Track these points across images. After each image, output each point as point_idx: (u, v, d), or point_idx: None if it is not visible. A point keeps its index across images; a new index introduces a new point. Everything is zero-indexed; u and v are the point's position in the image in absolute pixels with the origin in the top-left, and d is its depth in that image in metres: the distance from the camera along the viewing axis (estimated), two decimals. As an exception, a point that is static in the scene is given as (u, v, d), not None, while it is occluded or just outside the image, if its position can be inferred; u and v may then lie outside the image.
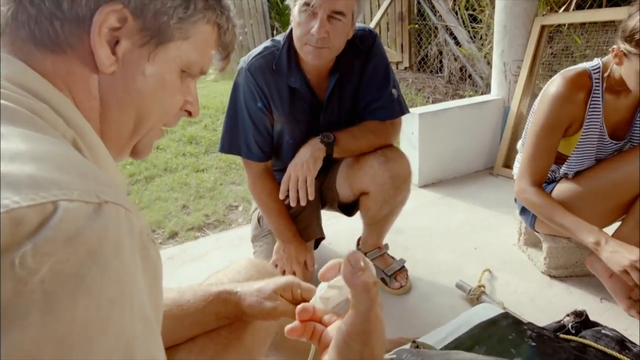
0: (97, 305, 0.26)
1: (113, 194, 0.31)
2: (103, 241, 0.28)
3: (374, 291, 0.40)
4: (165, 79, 0.47)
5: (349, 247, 1.69)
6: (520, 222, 1.62)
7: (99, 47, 0.41)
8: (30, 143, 0.31)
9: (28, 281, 0.24)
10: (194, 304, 0.66)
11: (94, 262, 0.27)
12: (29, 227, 0.25)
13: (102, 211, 0.29)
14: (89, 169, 0.33)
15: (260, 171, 1.33)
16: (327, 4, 1.05)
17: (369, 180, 1.28)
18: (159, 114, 0.49)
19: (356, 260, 0.40)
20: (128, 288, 0.29)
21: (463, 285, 1.41)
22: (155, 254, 0.35)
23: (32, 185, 0.27)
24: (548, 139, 1.28)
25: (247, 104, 1.24)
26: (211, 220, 2.16)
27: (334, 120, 1.31)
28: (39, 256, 0.25)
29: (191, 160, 2.92)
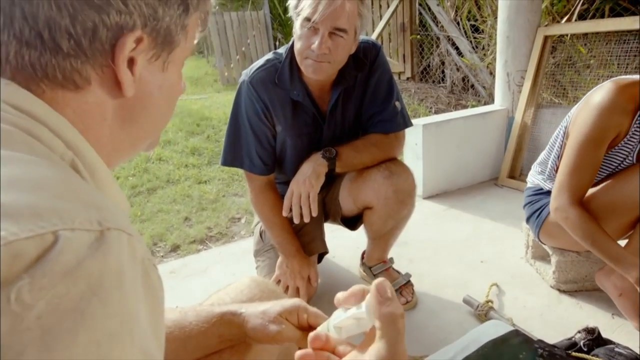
0: (97, 341, 0.25)
1: (115, 219, 0.30)
2: (104, 271, 0.27)
3: (402, 323, 0.39)
4: (174, 82, 0.47)
5: (353, 261, 1.66)
6: (527, 235, 1.60)
7: (124, 74, 0.39)
8: (28, 169, 0.30)
9: (24, 317, 0.23)
10: (196, 325, 0.64)
11: (94, 295, 0.26)
12: (26, 259, 0.24)
13: (104, 239, 0.28)
14: (90, 194, 0.32)
15: (263, 184, 1.31)
16: (328, 20, 1.04)
17: (372, 195, 1.27)
18: (170, 116, 0.50)
19: (384, 290, 0.39)
20: (129, 319, 0.28)
21: (470, 300, 1.38)
22: (157, 279, 0.34)
23: (32, 214, 0.26)
24: (594, 151, 1.18)
25: (249, 117, 1.23)
26: (213, 233, 2.14)
27: (337, 133, 1.30)
28: (36, 291, 0.24)
29: (194, 171, 2.91)
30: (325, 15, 1.03)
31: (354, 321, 0.44)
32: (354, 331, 0.45)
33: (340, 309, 0.47)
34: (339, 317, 0.47)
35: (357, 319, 0.44)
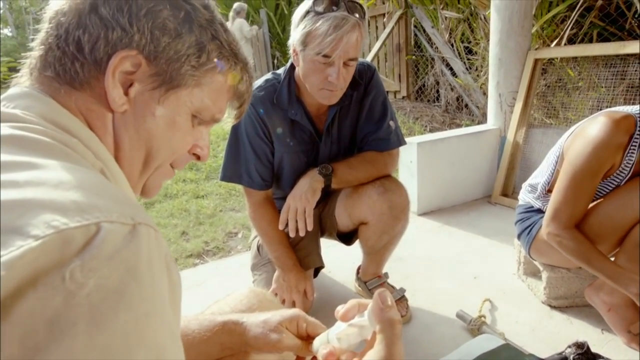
0: (135, 318, 0.29)
1: (144, 216, 0.34)
2: (138, 259, 0.31)
3: (399, 329, 0.43)
4: (175, 121, 0.49)
5: (349, 275, 1.69)
6: (519, 251, 1.63)
7: (112, 87, 0.44)
8: (69, 173, 0.34)
9: (76, 294, 0.27)
10: (199, 334, 0.66)
11: (132, 278, 0.30)
12: (76, 246, 0.28)
13: (137, 232, 0.32)
14: (122, 194, 0.36)
15: (261, 199, 1.34)
16: (344, 54, 1.10)
17: (367, 211, 1.30)
18: (167, 153, 0.51)
19: (385, 298, 0.44)
20: (159, 304, 0.32)
21: (464, 315, 1.40)
22: (176, 274, 0.38)
23: (77, 209, 0.30)
24: (589, 181, 1.20)
25: (248, 134, 1.28)
26: (210, 247, 2.16)
27: (333, 150, 1.34)
28: (86, 272, 0.28)
29: (191, 186, 2.94)
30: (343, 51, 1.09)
31: (356, 329, 0.48)
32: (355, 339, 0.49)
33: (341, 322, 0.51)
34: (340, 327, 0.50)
35: (360, 327, 0.47)
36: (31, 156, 0.34)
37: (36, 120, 0.39)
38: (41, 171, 0.33)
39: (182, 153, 0.54)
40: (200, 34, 0.48)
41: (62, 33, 0.44)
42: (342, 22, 1.06)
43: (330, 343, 0.51)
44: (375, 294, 0.43)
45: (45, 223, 0.28)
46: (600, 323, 1.35)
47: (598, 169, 1.19)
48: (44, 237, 0.27)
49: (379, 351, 0.41)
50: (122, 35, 0.43)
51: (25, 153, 0.34)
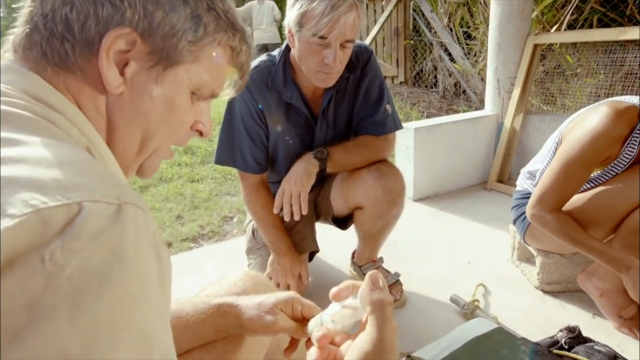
0: (120, 301, 0.28)
1: (131, 195, 0.33)
2: (124, 240, 0.30)
3: (390, 310, 0.43)
4: (174, 101, 0.47)
5: (344, 260, 1.69)
6: (513, 237, 1.64)
7: (107, 68, 0.42)
8: (52, 150, 0.32)
9: (57, 276, 0.26)
10: (193, 316, 0.66)
11: (117, 260, 0.29)
12: (56, 225, 0.27)
13: (123, 212, 0.30)
14: (107, 172, 0.35)
15: (256, 183, 1.33)
16: (341, 35, 1.08)
17: (363, 195, 1.30)
18: (165, 134, 0.50)
19: (376, 279, 0.43)
20: (146, 286, 0.31)
21: (457, 299, 1.41)
22: (166, 256, 0.37)
23: (58, 187, 0.29)
24: (580, 171, 1.19)
25: (242, 117, 1.26)
26: (206, 231, 2.15)
27: (329, 134, 1.33)
28: (67, 252, 0.27)
29: (186, 170, 2.92)
30: (340, 32, 1.06)
31: (349, 311, 0.47)
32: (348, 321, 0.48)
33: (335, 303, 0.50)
34: (334, 309, 0.50)
35: (353, 308, 0.47)
36: (11, 132, 0.33)
37: (18, 95, 0.37)
38: (21, 148, 0.31)
39: (183, 131, 0.52)
40: (196, 5, 0.45)
41: (48, 11, 0.41)
42: (339, 3, 1.04)
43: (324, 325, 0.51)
44: (366, 275, 0.43)
45: (23, 202, 0.27)
46: (592, 308, 1.36)
47: (593, 160, 1.18)
48: (21, 216, 0.26)
49: (370, 332, 0.41)
50: (112, 11, 0.41)
51: (6, 129, 0.33)
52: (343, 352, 0.46)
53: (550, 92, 2.87)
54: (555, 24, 3.12)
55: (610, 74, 2.57)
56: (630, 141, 1.17)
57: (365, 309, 0.43)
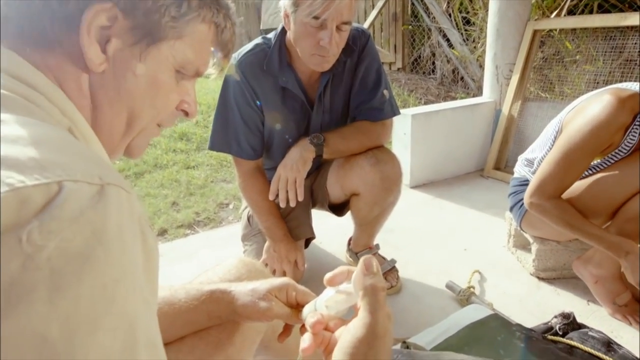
0: (102, 284, 0.27)
1: (114, 176, 0.31)
2: (106, 222, 0.29)
3: (383, 296, 0.41)
4: (158, 79, 0.46)
5: (340, 246, 1.69)
6: (510, 224, 1.64)
7: (88, 45, 0.40)
8: (30, 128, 0.31)
9: (35, 257, 0.25)
10: (185, 303, 0.65)
11: (98, 242, 0.28)
12: (34, 205, 0.26)
13: (105, 193, 0.29)
14: (89, 152, 0.34)
15: (251, 169, 1.32)
16: (337, 16, 1.05)
17: (359, 182, 1.28)
18: (151, 113, 0.48)
19: (370, 264, 0.42)
20: (130, 269, 0.30)
21: (453, 286, 1.41)
22: (152, 240, 0.35)
23: (36, 166, 0.27)
24: (581, 160, 1.18)
25: (237, 102, 1.23)
26: (201, 218, 2.14)
27: (325, 119, 1.31)
28: (45, 233, 0.25)
29: (182, 156, 2.89)
30: (335, 12, 1.03)
31: (342, 296, 0.47)
32: (342, 306, 0.47)
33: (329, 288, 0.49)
34: (328, 294, 0.49)
35: (347, 294, 0.46)
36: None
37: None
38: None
39: (168, 111, 0.50)
40: None
41: None
42: None
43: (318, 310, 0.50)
44: (360, 260, 0.42)
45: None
46: (586, 294, 1.37)
47: (594, 149, 1.16)
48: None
49: (362, 318, 0.40)
50: None
51: None
52: (337, 337, 0.45)
53: (548, 79, 2.85)
54: (555, 9, 3.08)
55: (609, 60, 2.55)
56: (632, 129, 1.16)
57: (358, 294, 0.42)
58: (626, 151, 1.21)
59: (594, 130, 1.14)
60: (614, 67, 2.55)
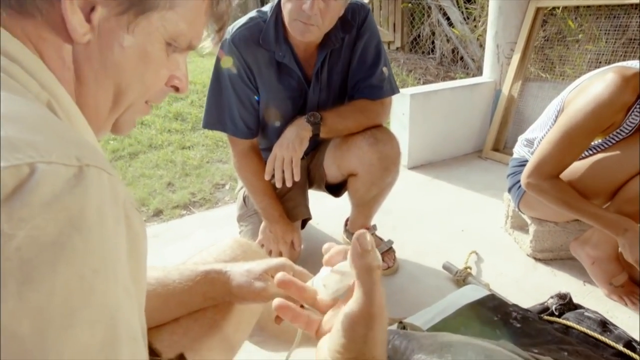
0: (79, 275, 0.25)
1: (95, 157, 0.29)
2: (85, 207, 0.26)
3: (377, 274, 0.39)
4: (147, 52, 0.43)
5: (337, 227, 1.68)
6: (508, 205, 1.63)
7: (71, 13, 0.37)
8: (3, 103, 0.28)
9: (3, 248, 0.23)
10: (179, 284, 0.64)
11: (75, 229, 0.25)
12: (3, 190, 0.23)
13: (83, 175, 0.27)
14: (68, 131, 0.31)
15: (246, 148, 1.29)
16: None
17: (357, 162, 1.26)
18: (139, 88, 0.45)
19: (364, 242, 0.40)
20: (111, 257, 0.28)
21: (450, 266, 1.41)
22: (139, 225, 0.33)
23: (6, 146, 0.25)
24: (581, 140, 1.15)
25: (231, 78, 1.19)
26: (197, 199, 2.12)
27: (322, 98, 1.27)
28: (15, 221, 0.23)
29: (177, 137, 2.85)
30: None
31: (338, 276, 0.45)
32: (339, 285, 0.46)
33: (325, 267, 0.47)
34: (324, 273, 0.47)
35: (342, 273, 0.44)
36: None
37: None
38: None
39: (157, 87, 0.47)
40: None
41: None
42: None
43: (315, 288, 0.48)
44: (353, 238, 0.39)
45: None
46: (583, 275, 1.37)
47: (595, 128, 1.14)
48: None
49: (357, 299, 0.38)
50: None
51: None
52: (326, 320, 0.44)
53: (549, 60, 2.80)
54: (559, -14, 3.00)
55: (612, 39, 2.51)
56: (634, 109, 1.14)
57: (353, 273, 0.40)
58: (628, 131, 1.19)
59: (596, 109, 1.11)
60: (617, 46, 2.51)
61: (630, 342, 1.00)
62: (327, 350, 0.39)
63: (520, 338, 0.99)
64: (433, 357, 0.77)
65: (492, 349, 0.77)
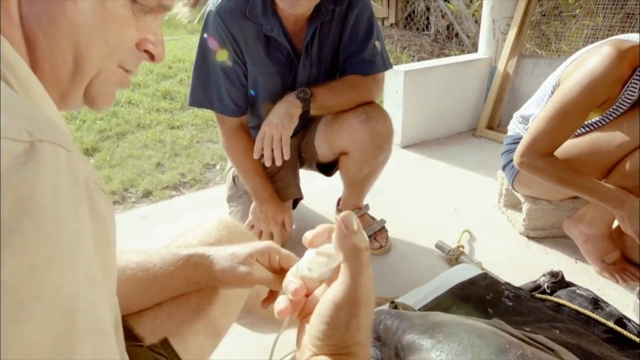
0: (29, 264, 0.22)
1: (51, 132, 0.26)
2: (36, 188, 0.23)
3: (366, 257, 0.36)
4: (107, 7, 0.38)
5: (329, 207, 1.66)
6: (501, 184, 1.61)
7: None
8: None
9: None
10: (161, 268, 0.61)
11: (25, 212, 0.22)
12: None
13: (35, 151, 0.24)
14: (20, 103, 0.27)
15: (235, 127, 1.25)
16: None
17: (348, 140, 1.22)
18: (103, 50, 0.40)
19: (349, 222, 0.37)
20: (68, 243, 0.25)
21: (442, 245, 1.40)
22: (105, 206, 0.30)
23: None
24: (576, 116, 1.12)
25: (217, 53, 1.14)
26: (187, 179, 2.08)
27: (313, 73, 1.23)
28: None
29: (166, 116, 2.78)
30: None
31: (324, 258, 0.42)
32: (325, 268, 0.43)
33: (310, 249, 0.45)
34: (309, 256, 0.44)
35: (327, 255, 0.41)
36: None
37: None
38: None
39: (126, 50, 0.42)
40: None
41: None
42: None
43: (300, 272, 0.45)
44: (338, 218, 0.37)
45: None
46: (575, 253, 1.37)
47: (590, 104, 1.11)
48: None
49: (342, 283, 0.36)
50: None
51: None
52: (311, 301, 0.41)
53: (545, 36, 2.75)
54: (557, -41, 2.92)
55: (610, 15, 2.45)
56: (630, 83, 1.11)
57: (339, 256, 0.37)
58: (625, 107, 1.16)
59: (590, 83, 1.08)
60: (614, 21, 2.46)
61: (622, 319, 1.00)
62: (307, 336, 0.37)
63: (513, 316, 0.98)
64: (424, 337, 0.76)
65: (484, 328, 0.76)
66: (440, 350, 0.71)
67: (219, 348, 0.68)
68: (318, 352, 0.36)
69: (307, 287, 0.43)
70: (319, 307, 0.36)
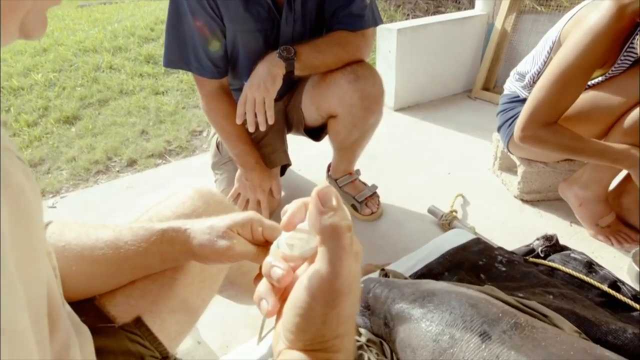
0: None
1: None
2: None
3: (348, 238, 0.30)
4: None
5: (320, 173, 1.61)
6: (496, 147, 1.56)
7: None
8: None
9: None
10: (133, 245, 0.55)
11: None
12: None
13: None
14: None
15: (215, 89, 1.17)
16: None
17: (337, 102, 1.15)
18: None
19: (326, 198, 0.30)
20: None
21: (435, 210, 1.37)
22: (24, 177, 0.25)
23: None
24: (579, 80, 1.05)
25: (192, 9, 1.05)
26: (173, 147, 2.02)
27: (297, 30, 1.14)
28: None
29: (149, 81, 2.67)
30: None
31: (303, 235, 0.36)
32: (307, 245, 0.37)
33: None
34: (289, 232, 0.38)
35: (307, 232, 0.36)
36: None
37: None
38: None
39: None
40: None
41: None
42: None
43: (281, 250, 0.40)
44: (312, 193, 0.31)
45: None
46: (569, 216, 1.34)
47: (591, 64, 1.04)
48: None
49: (319, 269, 0.30)
50: None
51: None
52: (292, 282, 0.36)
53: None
54: None
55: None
56: (633, 38, 1.03)
57: (316, 237, 0.32)
58: (628, 64, 1.09)
59: (590, 43, 1.01)
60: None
61: (615, 283, 0.98)
62: (281, 327, 0.32)
63: (506, 282, 0.96)
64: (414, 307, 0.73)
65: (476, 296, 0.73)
66: (430, 320, 0.68)
67: (206, 317, 0.65)
68: (291, 347, 0.31)
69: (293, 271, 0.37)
70: (293, 296, 0.31)
